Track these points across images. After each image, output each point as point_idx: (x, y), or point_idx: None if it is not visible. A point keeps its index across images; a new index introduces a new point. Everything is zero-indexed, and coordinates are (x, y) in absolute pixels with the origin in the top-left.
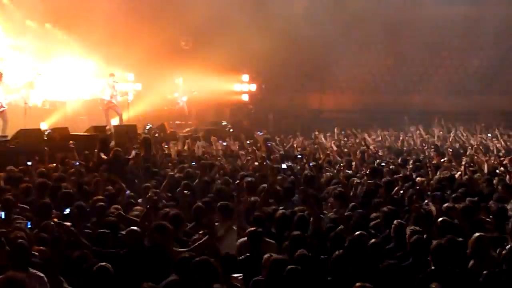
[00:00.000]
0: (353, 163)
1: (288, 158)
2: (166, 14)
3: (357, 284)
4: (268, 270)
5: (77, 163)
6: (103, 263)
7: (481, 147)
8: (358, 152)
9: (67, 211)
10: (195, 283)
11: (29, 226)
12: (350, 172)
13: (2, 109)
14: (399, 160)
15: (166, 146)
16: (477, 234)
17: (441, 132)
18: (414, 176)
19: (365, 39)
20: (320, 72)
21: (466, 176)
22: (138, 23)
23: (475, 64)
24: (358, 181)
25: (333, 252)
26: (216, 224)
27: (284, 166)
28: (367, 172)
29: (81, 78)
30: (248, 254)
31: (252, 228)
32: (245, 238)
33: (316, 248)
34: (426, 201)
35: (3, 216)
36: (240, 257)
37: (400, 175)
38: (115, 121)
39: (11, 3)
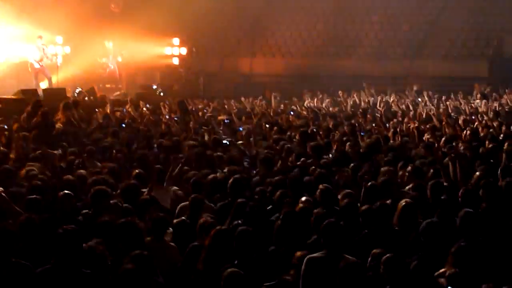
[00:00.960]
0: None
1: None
2: None
3: (298, 253)
4: (212, 239)
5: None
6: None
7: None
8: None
9: None
10: (117, 246)
11: None
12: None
13: None
14: (331, 125)
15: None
16: (403, 201)
17: (372, 98)
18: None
19: (296, 3)
20: (250, 36)
21: (397, 141)
22: None
23: (404, 28)
24: (289, 145)
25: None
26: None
27: (225, 141)
28: (298, 136)
29: (8, 41)
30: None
31: (194, 195)
32: (187, 203)
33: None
34: (352, 164)
35: None
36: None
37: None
38: (44, 84)
39: None
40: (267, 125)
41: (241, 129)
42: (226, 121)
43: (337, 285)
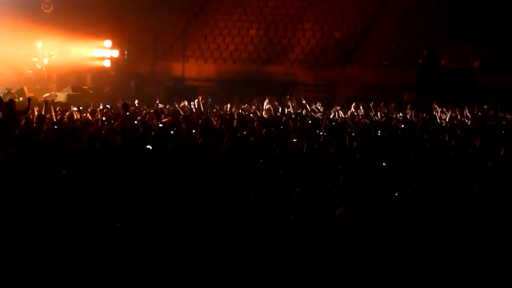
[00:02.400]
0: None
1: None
2: None
3: None
4: None
5: None
6: None
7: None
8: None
9: None
10: None
11: None
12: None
13: None
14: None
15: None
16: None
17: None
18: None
19: (230, 7)
20: (183, 40)
21: None
22: None
23: (336, 36)
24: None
25: None
26: None
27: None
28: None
29: None
30: None
31: None
32: None
33: None
34: None
35: None
36: None
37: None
38: None
39: None
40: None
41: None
42: (160, 125)
43: None
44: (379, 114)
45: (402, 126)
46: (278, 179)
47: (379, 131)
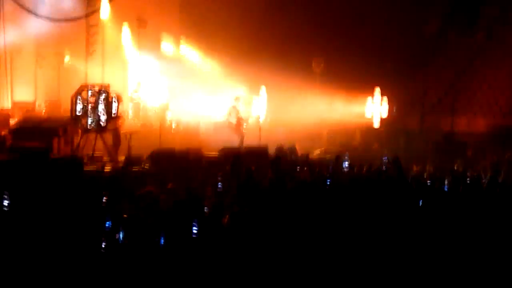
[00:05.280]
0: None
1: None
2: (300, 35)
3: None
4: None
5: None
6: None
7: None
8: None
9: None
10: None
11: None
12: None
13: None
14: None
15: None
16: None
17: None
18: None
19: (499, 62)
20: (452, 94)
21: None
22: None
23: None
24: None
25: None
26: None
27: None
28: None
29: (210, 100)
30: None
31: None
32: None
33: None
34: None
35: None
36: None
37: None
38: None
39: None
40: None
41: None
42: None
43: None
44: None
45: None
46: None
47: None
